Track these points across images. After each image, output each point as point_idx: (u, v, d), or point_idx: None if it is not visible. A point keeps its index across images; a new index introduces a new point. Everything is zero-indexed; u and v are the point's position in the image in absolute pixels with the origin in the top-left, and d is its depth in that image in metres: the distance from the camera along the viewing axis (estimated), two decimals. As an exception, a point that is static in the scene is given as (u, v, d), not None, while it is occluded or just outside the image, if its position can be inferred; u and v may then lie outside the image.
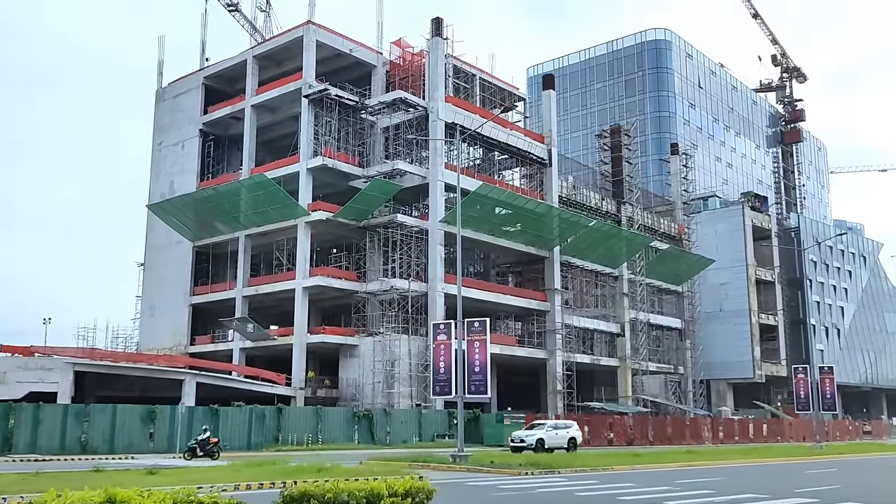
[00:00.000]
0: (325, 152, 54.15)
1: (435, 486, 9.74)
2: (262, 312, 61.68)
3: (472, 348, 27.19)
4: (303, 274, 53.62)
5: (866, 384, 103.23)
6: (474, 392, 27.62)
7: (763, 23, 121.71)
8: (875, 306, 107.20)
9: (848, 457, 39.48)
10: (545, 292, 63.64)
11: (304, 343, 53.07)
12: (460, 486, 19.29)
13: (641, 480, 21.29)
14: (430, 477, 21.38)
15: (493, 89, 65.12)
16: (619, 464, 27.00)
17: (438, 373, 27.94)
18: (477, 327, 27.66)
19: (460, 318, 27.47)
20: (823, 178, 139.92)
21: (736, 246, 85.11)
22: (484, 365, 26.96)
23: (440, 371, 27.77)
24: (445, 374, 27.46)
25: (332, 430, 40.65)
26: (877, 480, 24.34)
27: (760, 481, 22.46)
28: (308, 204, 54.23)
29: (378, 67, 59.38)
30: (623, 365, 70.22)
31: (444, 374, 27.57)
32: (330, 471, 20.11)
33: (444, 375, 27.57)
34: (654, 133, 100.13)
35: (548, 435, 38.28)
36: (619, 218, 72.60)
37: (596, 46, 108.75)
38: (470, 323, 28.03)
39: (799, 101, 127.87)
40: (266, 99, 59.26)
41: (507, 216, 59.19)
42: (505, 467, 23.91)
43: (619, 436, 52.21)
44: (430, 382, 29.13)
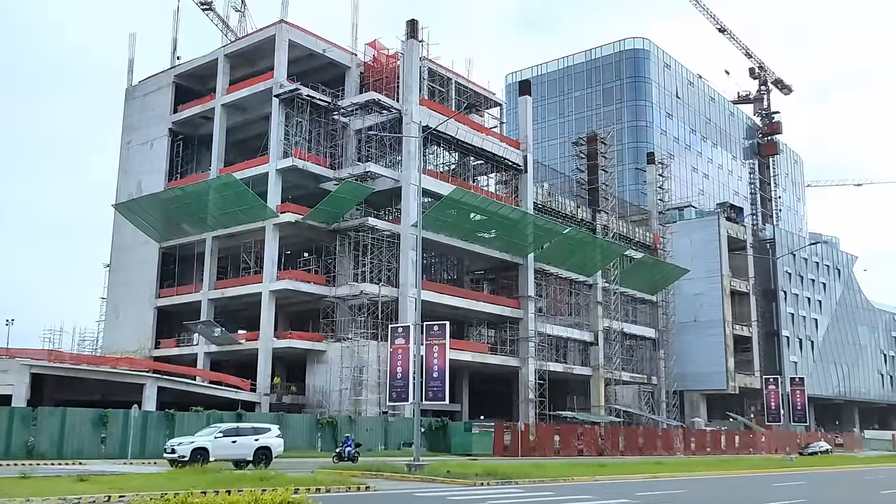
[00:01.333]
0: (296, 153, 53.18)
1: (314, 502, 8.70)
2: (230, 316, 60.51)
3: (431, 353, 26.31)
4: (270, 277, 52.52)
5: (839, 397, 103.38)
6: (432, 398, 26.74)
7: (733, 37, 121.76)
8: (848, 319, 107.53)
9: (818, 469, 38.96)
10: (519, 299, 62.93)
11: (269, 348, 51.93)
12: (408, 498, 18.42)
13: (600, 493, 20.50)
14: (377, 487, 20.66)
15: (468, 94, 64.48)
16: (582, 475, 26.19)
17: (395, 378, 27.06)
18: (436, 331, 26.79)
19: (418, 322, 26.60)
20: (799, 190, 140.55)
21: (711, 256, 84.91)
22: (443, 370, 26.09)
23: (397, 376, 26.90)
24: (402, 380, 26.58)
25: (294, 437, 39.45)
26: (845, 494, 23.72)
27: (725, 494, 21.75)
28: (277, 205, 53.19)
29: (352, 69, 58.54)
30: (596, 374, 69.61)
31: (401, 379, 26.69)
32: (274, 479, 19.19)
33: (400, 381, 26.70)
34: (630, 142, 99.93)
35: (216, 444, 27.94)
36: (594, 226, 72.10)
37: (574, 55, 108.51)
38: (429, 326, 27.15)
39: (776, 113, 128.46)
40: (237, 98, 58.19)
41: (482, 222, 58.46)
42: (460, 477, 23.03)
43: (589, 446, 51.48)
44: (387, 388, 28.14)
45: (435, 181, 56.71)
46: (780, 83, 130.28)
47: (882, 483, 28.66)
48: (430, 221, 55.02)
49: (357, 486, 19.55)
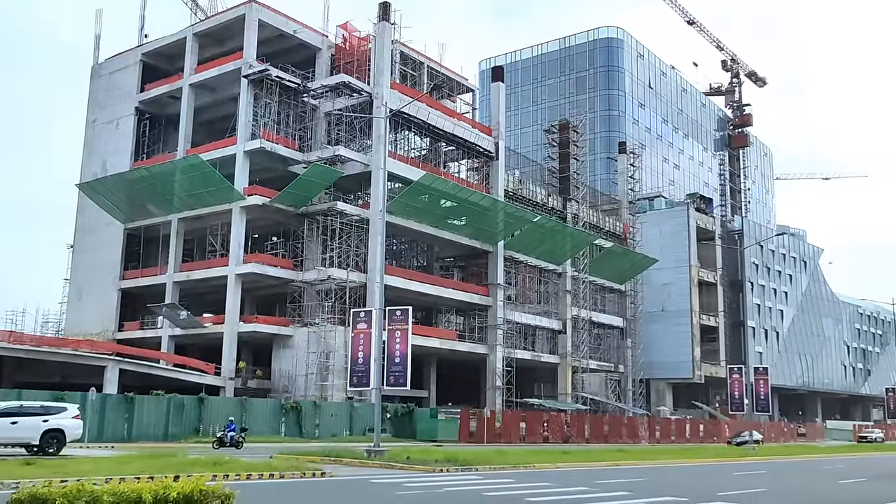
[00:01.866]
0: (264, 135, 52.48)
1: (234, 490, 8.35)
2: (196, 300, 59.72)
3: (394, 338, 26.05)
4: (236, 260, 51.89)
5: (803, 387, 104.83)
6: (393, 384, 26.51)
7: (703, 30, 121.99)
8: (813, 311, 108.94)
9: (780, 459, 39.34)
10: (488, 287, 62.83)
11: (235, 332, 51.36)
12: (363, 484, 18.19)
13: (560, 480, 20.41)
14: (334, 473, 20.37)
15: (441, 78, 64.03)
16: (544, 462, 26.12)
17: (357, 363, 26.77)
18: (399, 316, 26.51)
19: (381, 307, 26.30)
20: (769, 183, 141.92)
21: (680, 247, 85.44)
22: (405, 355, 25.83)
23: (359, 361, 26.61)
24: (364, 365, 26.31)
25: (257, 422, 39.12)
26: (804, 484, 23.87)
27: (685, 482, 21.78)
28: (244, 188, 52.52)
29: (323, 50, 57.82)
30: (564, 362, 69.82)
31: (362, 364, 26.42)
32: (227, 464, 18.85)
33: (362, 366, 26.43)
34: (603, 131, 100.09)
35: None
36: (564, 214, 72.16)
37: (548, 42, 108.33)
38: (392, 311, 26.87)
39: (747, 105, 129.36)
40: (205, 78, 57.27)
41: (452, 209, 58.20)
42: (420, 463, 22.83)
43: (554, 433, 51.62)
44: (348, 373, 27.84)
45: (405, 166, 56.36)
46: (753, 75, 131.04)
47: (841, 472, 28.93)
48: (399, 207, 54.76)
49: (312, 472, 19.26)
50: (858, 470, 30.46)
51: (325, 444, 32.60)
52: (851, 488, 22.08)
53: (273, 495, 15.95)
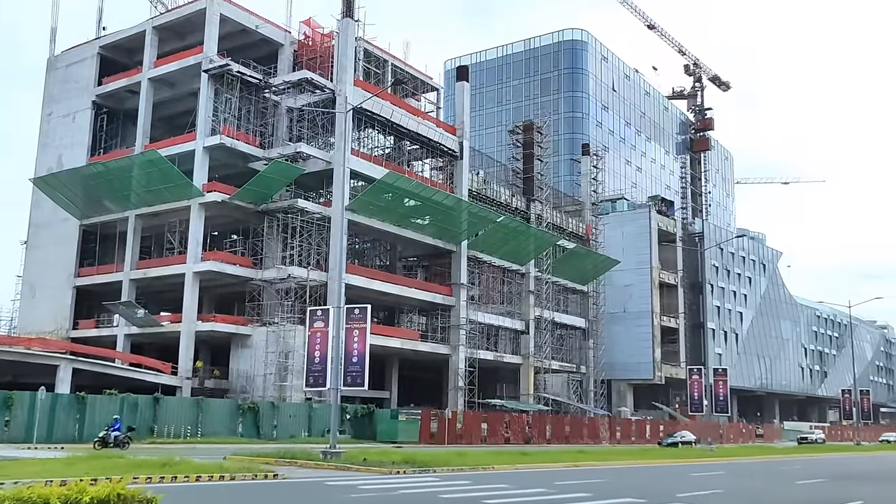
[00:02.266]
0: (224, 131, 51.63)
1: (156, 495, 7.89)
2: (153, 298, 58.66)
3: (351, 337, 25.59)
4: (194, 258, 50.97)
5: (761, 388, 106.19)
6: (350, 384, 26.06)
7: (664, 34, 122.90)
8: (772, 313, 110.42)
9: (738, 459, 39.60)
10: (451, 287, 62.55)
11: (192, 331, 50.41)
12: (317, 486, 17.75)
13: (518, 481, 20.17)
14: (288, 475, 19.82)
15: (405, 76, 63.62)
16: (504, 463, 25.87)
17: (313, 363, 26.28)
18: (357, 315, 26.05)
19: (340, 305, 25.87)
20: (729, 186, 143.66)
21: (642, 248, 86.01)
22: (362, 355, 25.39)
23: (315, 361, 26.12)
24: (320, 365, 25.84)
25: (213, 422, 38.39)
26: (761, 485, 23.92)
27: (644, 484, 21.67)
28: (203, 184, 51.59)
29: (285, 46, 57.08)
30: (526, 363, 69.79)
31: (319, 364, 25.95)
32: (177, 466, 18.30)
33: (319, 366, 25.95)
34: (567, 133, 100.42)
35: None
36: (528, 215, 72.18)
37: (514, 43, 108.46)
38: (350, 310, 26.42)
39: (709, 109, 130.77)
40: (164, 72, 56.24)
41: (416, 208, 57.83)
42: (377, 465, 22.43)
43: (515, 434, 51.50)
44: (304, 373, 27.34)
45: (368, 164, 55.89)
46: (717, 80, 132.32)
47: (798, 473, 29.14)
48: (362, 205, 54.26)
49: (265, 474, 18.76)
50: (816, 471, 30.72)
51: (282, 446, 32.01)
52: (808, 489, 22.17)
53: (217, 498, 15.40)
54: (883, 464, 38.91)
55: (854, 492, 21.11)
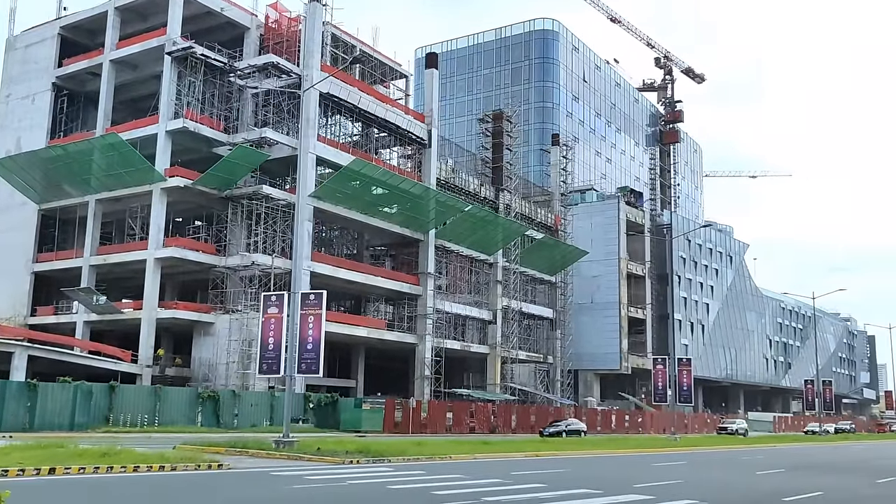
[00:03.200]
0: (187, 114, 50.61)
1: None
2: (115, 285, 57.57)
3: (306, 323, 25.07)
4: (156, 244, 49.99)
5: (726, 379, 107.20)
6: (305, 371, 25.57)
7: (631, 28, 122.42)
8: (738, 305, 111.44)
9: (701, 449, 39.70)
10: (418, 276, 62.12)
11: (153, 318, 49.50)
12: (262, 476, 17.20)
13: (474, 471, 19.80)
14: (235, 464, 19.18)
15: (373, 63, 62.94)
16: (463, 452, 25.52)
17: (267, 349, 25.73)
18: (312, 300, 25.53)
19: (297, 290, 25.35)
20: (698, 179, 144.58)
21: (610, 240, 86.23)
22: (317, 342, 24.88)
23: (269, 347, 25.58)
24: (274, 352, 25.32)
25: (172, 411, 37.64)
26: (721, 475, 23.84)
27: (603, 474, 21.45)
28: (165, 169, 50.58)
29: (251, 30, 56.07)
30: (493, 352, 69.66)
31: (272, 350, 25.42)
32: (118, 455, 17.66)
33: (272, 352, 25.42)
34: (537, 123, 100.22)
35: None
36: (496, 205, 71.90)
37: (485, 32, 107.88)
38: (305, 296, 25.92)
39: (678, 102, 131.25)
40: (127, 54, 55.01)
41: (383, 196, 57.26)
42: (330, 455, 21.94)
43: (481, 423, 51.30)
44: (257, 360, 26.79)
45: (335, 151, 55.20)
46: (690, 72, 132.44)
47: (760, 464, 29.17)
48: (328, 192, 53.60)
49: (209, 465, 18.18)
50: (778, 461, 30.80)
51: (240, 435, 31.43)
52: (768, 480, 22.10)
53: (138, 490, 14.71)
54: (845, 454, 39.24)
55: (814, 483, 21.07)
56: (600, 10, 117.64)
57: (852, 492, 19.53)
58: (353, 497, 14.62)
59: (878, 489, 20.21)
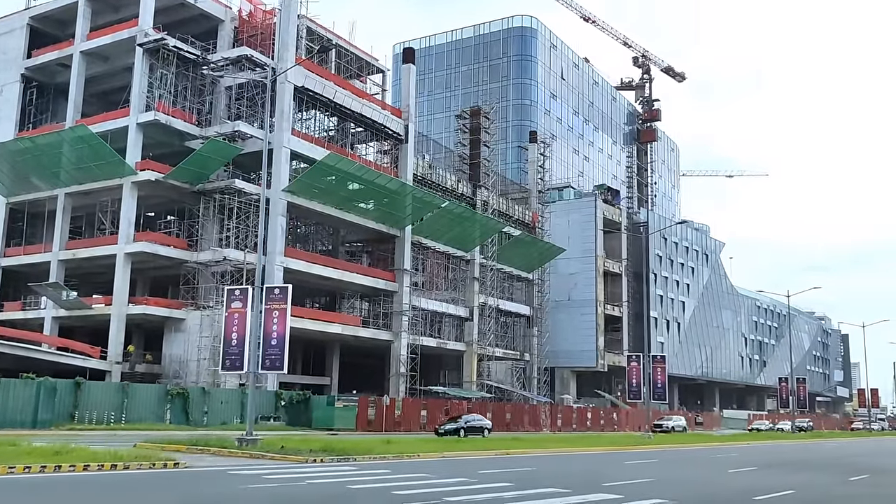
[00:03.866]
0: (159, 107, 49.80)
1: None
2: (86, 280, 56.72)
3: (270, 318, 24.56)
4: (126, 238, 49.17)
5: (702, 377, 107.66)
6: (269, 367, 25.07)
7: (605, 27, 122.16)
8: (713, 303, 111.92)
9: (675, 447, 39.57)
10: (394, 272, 61.64)
11: (123, 314, 48.67)
12: (218, 476, 16.68)
13: (441, 470, 19.40)
14: (193, 463, 18.48)
15: (350, 57, 62.33)
16: (433, 450, 25.11)
17: (230, 345, 25.17)
18: (277, 295, 25.03)
19: (259, 285, 24.86)
20: (675, 177, 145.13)
21: (587, 237, 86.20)
22: (282, 337, 24.39)
23: (232, 343, 25.03)
24: (237, 347, 24.76)
25: (140, 408, 36.94)
26: (693, 473, 23.64)
27: (573, 472, 21.15)
28: (136, 163, 49.78)
29: (226, 22, 55.31)
30: (470, 350, 69.35)
31: (236, 346, 24.86)
32: (70, 454, 17.09)
33: (236, 348, 24.86)
34: (515, 120, 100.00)
35: None
36: (474, 201, 71.57)
37: (463, 29, 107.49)
38: (270, 290, 25.39)
39: (656, 101, 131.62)
40: (98, 46, 54.06)
41: (359, 191, 56.76)
42: (293, 453, 21.45)
43: (456, 421, 50.78)
44: (220, 355, 26.24)
45: (310, 145, 54.64)
46: (670, 70, 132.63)
47: (733, 461, 29.02)
48: (303, 187, 53.03)
49: (164, 463, 17.60)
50: (751, 458, 30.67)
51: (205, 433, 30.85)
52: (740, 478, 21.90)
53: (81, 492, 14.13)
54: (818, 452, 39.28)
55: (786, 481, 20.89)
56: (573, 9, 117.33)
57: (824, 490, 19.35)
58: (309, 497, 14.17)
59: (851, 487, 20.05)
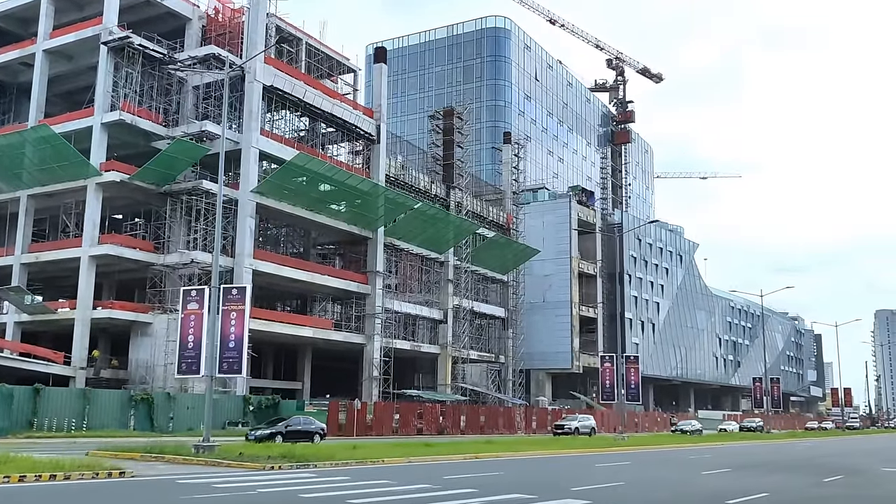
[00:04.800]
0: (124, 106, 48.73)
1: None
2: (51, 284, 55.52)
3: (228, 319, 23.79)
4: (90, 241, 48.04)
5: (677, 378, 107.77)
6: (227, 371, 24.30)
7: (575, 30, 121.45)
8: (688, 304, 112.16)
9: (648, 448, 39.18)
10: (367, 275, 60.90)
11: (88, 318, 47.52)
12: (165, 485, 15.89)
13: (404, 476, 18.74)
14: (142, 472, 17.48)
15: (320, 56, 61.57)
16: (399, 455, 24.41)
17: (186, 348, 24.36)
18: (235, 295, 24.24)
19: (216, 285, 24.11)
20: (649, 179, 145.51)
21: (562, 239, 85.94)
22: (240, 339, 23.62)
23: (188, 346, 24.22)
24: (194, 350, 23.98)
25: (102, 415, 35.92)
26: (665, 475, 23.17)
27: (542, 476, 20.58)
28: (101, 163, 48.67)
29: (193, 21, 54.35)
30: (444, 352, 68.77)
31: (192, 349, 24.07)
32: (9, 464, 16.22)
33: (191, 351, 24.07)
34: (489, 121, 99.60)
35: None
36: (447, 202, 71.04)
37: (436, 29, 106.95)
38: (227, 290, 24.59)
39: (630, 102, 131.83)
40: (61, 44, 52.90)
41: (331, 192, 56.00)
42: (251, 460, 20.67)
43: (429, 424, 50.22)
44: (177, 359, 25.42)
45: (279, 145, 53.84)
46: (647, 72, 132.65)
47: (707, 462, 28.62)
48: (272, 188, 52.21)
49: (109, 472, 16.71)
50: (725, 460, 30.30)
51: (168, 439, 29.96)
52: (713, 480, 21.46)
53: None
54: (791, 452, 39.06)
55: (760, 483, 20.49)
56: (538, 13, 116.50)
57: (798, 492, 18.96)
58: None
59: (825, 489, 19.67)
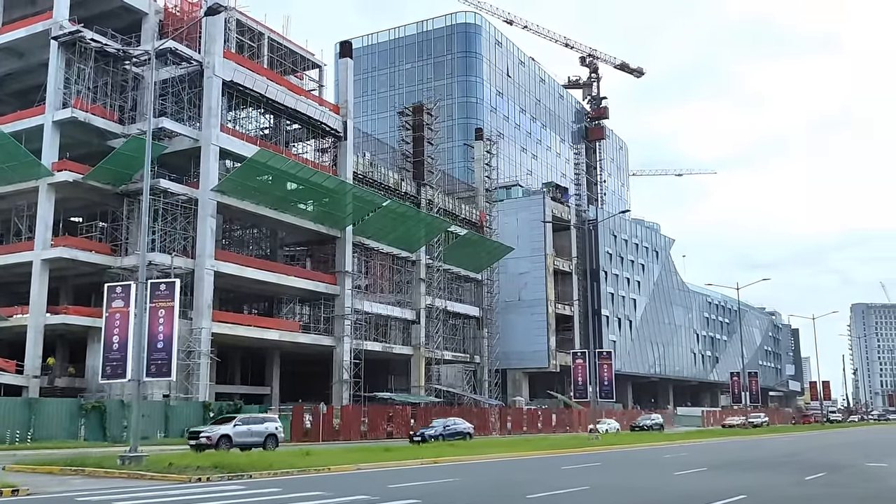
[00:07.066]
0: (77, 104, 46.86)
1: None
2: (6, 290, 53.29)
3: (156, 318, 22.25)
4: (42, 244, 46.10)
5: (655, 375, 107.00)
6: (155, 373, 22.77)
7: (539, 30, 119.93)
8: (665, 300, 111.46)
9: (621, 447, 37.96)
10: (335, 275, 59.33)
11: (41, 324, 45.55)
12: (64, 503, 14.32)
13: (344, 487, 17.23)
14: (47, 489, 15.48)
15: (284, 52, 59.95)
16: (348, 462, 22.88)
17: (111, 350, 22.76)
18: (163, 291, 22.68)
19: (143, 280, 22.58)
20: (624, 176, 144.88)
21: (536, 236, 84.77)
22: (169, 338, 22.07)
23: (112, 347, 22.63)
24: (119, 352, 22.40)
25: (50, 425, 34.18)
26: (636, 477, 21.90)
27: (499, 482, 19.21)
28: (53, 163, 46.74)
29: (150, 15, 52.47)
30: (417, 353, 67.35)
31: (117, 350, 22.49)
32: None
33: (117, 353, 22.49)
34: (461, 118, 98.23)
35: None
36: (418, 200, 69.63)
37: (406, 25, 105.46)
38: (155, 286, 23.04)
39: (604, 98, 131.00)
40: (11, 40, 50.78)
41: (297, 191, 54.42)
42: (178, 472, 19.12)
43: (399, 428, 48.79)
44: (100, 361, 23.81)
45: (241, 143, 52.17)
46: (626, 67, 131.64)
47: (682, 462, 27.43)
48: (234, 187, 50.58)
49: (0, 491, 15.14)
50: (701, 458, 29.14)
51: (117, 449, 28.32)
52: (687, 481, 20.21)
53: None
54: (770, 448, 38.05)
55: (738, 483, 19.31)
56: (497, 14, 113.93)
57: (779, 491, 17.78)
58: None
59: (806, 488, 18.47)
